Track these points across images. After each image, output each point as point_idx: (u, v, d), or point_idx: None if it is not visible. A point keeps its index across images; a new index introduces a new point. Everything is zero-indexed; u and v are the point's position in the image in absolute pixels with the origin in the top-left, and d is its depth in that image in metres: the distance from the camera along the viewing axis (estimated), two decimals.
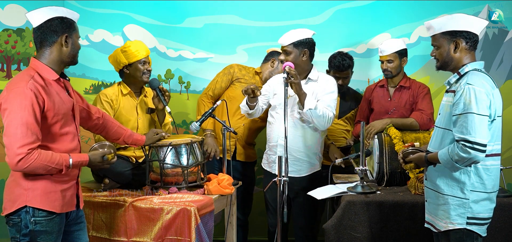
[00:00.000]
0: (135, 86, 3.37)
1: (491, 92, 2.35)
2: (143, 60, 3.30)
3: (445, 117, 2.46)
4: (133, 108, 3.34)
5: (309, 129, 3.39)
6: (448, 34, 2.43)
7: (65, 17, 2.35)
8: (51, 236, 2.31)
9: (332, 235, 2.94)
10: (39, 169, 2.22)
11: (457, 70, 2.44)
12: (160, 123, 3.39)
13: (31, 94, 2.19)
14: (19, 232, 2.28)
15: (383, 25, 4.33)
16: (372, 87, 3.88)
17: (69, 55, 2.37)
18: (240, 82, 3.82)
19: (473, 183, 2.40)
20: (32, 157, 2.18)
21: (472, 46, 2.44)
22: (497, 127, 2.41)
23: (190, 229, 2.70)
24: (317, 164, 3.49)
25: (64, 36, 2.34)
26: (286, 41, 3.32)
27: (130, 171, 3.18)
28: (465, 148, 2.29)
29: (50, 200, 2.30)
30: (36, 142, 2.20)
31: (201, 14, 4.39)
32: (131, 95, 3.35)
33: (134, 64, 3.30)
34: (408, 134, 3.37)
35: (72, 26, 2.38)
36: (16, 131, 2.16)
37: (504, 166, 2.97)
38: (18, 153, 2.16)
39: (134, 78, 3.33)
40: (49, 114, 2.27)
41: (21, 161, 2.16)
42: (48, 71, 2.32)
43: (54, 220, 2.31)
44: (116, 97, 3.30)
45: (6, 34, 4.15)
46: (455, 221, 2.42)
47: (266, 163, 3.54)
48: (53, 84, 2.33)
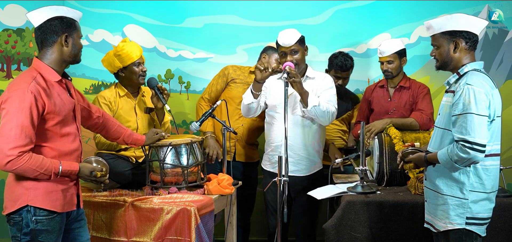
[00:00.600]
0: (131, 87, 3.36)
1: (491, 93, 2.35)
2: (137, 61, 3.29)
3: (445, 117, 2.46)
4: (132, 109, 3.34)
5: (309, 127, 3.40)
6: (448, 34, 2.43)
7: (65, 16, 2.35)
8: (51, 235, 2.31)
9: (332, 235, 2.94)
10: (27, 172, 2.21)
11: (457, 70, 2.44)
12: (159, 122, 3.39)
13: (31, 97, 2.20)
14: (20, 231, 2.28)
15: (383, 25, 4.33)
16: (372, 88, 3.88)
17: (70, 54, 2.37)
18: (236, 83, 3.82)
19: (472, 183, 2.40)
20: (22, 160, 2.18)
21: (471, 46, 2.43)
22: (497, 127, 2.41)
23: (190, 229, 2.70)
24: (319, 162, 3.51)
25: (64, 36, 2.33)
26: (292, 40, 3.31)
27: (130, 171, 3.18)
28: (464, 148, 2.29)
29: (52, 199, 2.30)
30: (28, 145, 2.20)
31: (201, 14, 4.39)
32: (129, 97, 3.34)
33: (129, 67, 3.28)
34: (408, 134, 3.37)
35: (72, 26, 2.37)
36: (10, 132, 2.17)
37: (504, 166, 2.97)
38: (8, 154, 2.16)
39: (130, 80, 3.32)
40: (49, 116, 2.27)
41: (10, 163, 2.16)
42: (50, 72, 2.32)
43: (55, 219, 2.32)
44: (114, 99, 3.29)
45: (6, 34, 4.15)
46: (454, 221, 2.42)
47: (269, 163, 3.51)
48: (55, 86, 2.33)
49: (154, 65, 4.36)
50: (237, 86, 3.79)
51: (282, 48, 3.34)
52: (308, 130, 3.40)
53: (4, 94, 2.25)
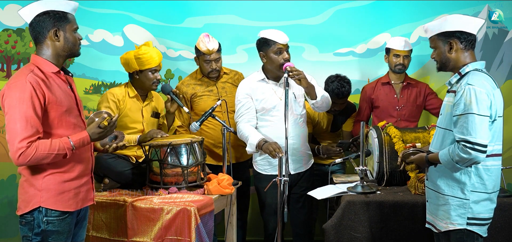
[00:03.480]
0: (142, 90, 3.38)
1: (492, 93, 2.35)
2: (154, 68, 3.31)
3: (446, 117, 2.46)
4: (139, 111, 3.35)
5: (304, 124, 3.47)
6: (443, 35, 2.46)
7: (54, 10, 2.28)
8: (62, 236, 2.31)
9: (332, 235, 2.94)
10: (42, 159, 2.19)
11: (458, 70, 2.45)
12: (168, 126, 3.42)
13: (30, 88, 2.18)
14: (32, 230, 2.28)
15: (383, 25, 4.33)
16: (373, 85, 3.88)
17: (64, 48, 2.32)
18: (198, 96, 3.76)
19: (473, 183, 2.40)
20: (32, 149, 2.16)
21: (468, 46, 2.44)
22: (498, 127, 2.41)
23: (190, 229, 2.70)
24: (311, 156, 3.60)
25: (53, 31, 2.29)
26: (287, 37, 3.33)
27: (130, 170, 3.18)
28: (465, 149, 2.29)
29: (64, 200, 2.30)
30: (36, 135, 2.18)
31: (201, 14, 4.38)
32: (138, 99, 3.36)
33: (144, 72, 3.30)
34: (407, 133, 3.37)
35: (62, 18, 2.31)
36: (16, 126, 2.16)
37: (504, 166, 2.97)
38: (18, 148, 2.15)
39: (143, 84, 3.34)
40: (52, 107, 2.25)
41: (22, 156, 2.15)
42: (47, 65, 2.30)
43: (66, 220, 2.31)
44: (123, 97, 3.31)
45: (6, 34, 4.16)
46: (456, 221, 2.42)
47: (269, 167, 3.42)
48: (54, 78, 2.30)
49: None
50: (201, 98, 3.76)
51: (280, 45, 3.28)
52: (304, 127, 3.47)
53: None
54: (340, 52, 4.36)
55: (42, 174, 2.26)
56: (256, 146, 3.18)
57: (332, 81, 3.75)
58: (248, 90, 3.38)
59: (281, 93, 3.32)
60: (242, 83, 3.45)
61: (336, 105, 3.77)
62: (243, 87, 3.41)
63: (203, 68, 3.75)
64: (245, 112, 3.35)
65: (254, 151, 3.23)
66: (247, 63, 4.27)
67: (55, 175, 2.28)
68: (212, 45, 3.67)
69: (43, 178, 2.26)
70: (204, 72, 3.77)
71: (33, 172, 2.27)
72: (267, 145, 3.11)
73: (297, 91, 3.37)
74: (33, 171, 2.27)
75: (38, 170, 2.26)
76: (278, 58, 3.29)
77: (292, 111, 3.36)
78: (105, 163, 3.12)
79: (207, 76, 3.78)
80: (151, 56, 3.28)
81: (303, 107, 3.44)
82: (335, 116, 3.95)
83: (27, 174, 2.28)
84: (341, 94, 3.71)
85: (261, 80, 3.38)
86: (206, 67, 3.72)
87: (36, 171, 2.27)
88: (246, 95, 3.37)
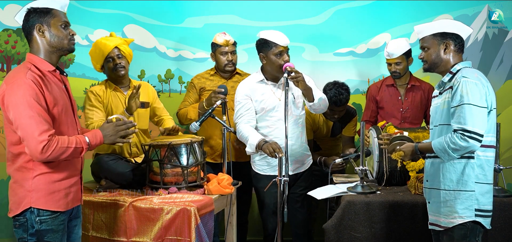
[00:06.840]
0: (116, 81, 3.39)
1: (486, 85, 2.44)
2: (110, 56, 3.31)
3: (443, 114, 2.51)
4: (121, 103, 3.35)
5: (303, 124, 3.46)
6: (439, 35, 2.52)
7: (38, 7, 2.30)
8: (57, 234, 2.31)
9: (332, 235, 2.94)
10: (63, 152, 2.21)
11: (448, 71, 2.53)
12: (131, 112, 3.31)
13: (32, 84, 2.18)
14: (26, 232, 2.28)
15: (383, 25, 4.33)
16: (378, 86, 3.88)
17: (51, 43, 2.31)
18: (206, 91, 3.78)
19: (477, 174, 2.45)
20: (53, 142, 2.17)
21: (460, 49, 2.54)
22: (493, 119, 2.48)
23: (190, 229, 2.70)
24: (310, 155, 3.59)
25: (37, 27, 2.29)
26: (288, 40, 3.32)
27: (131, 171, 3.17)
28: (464, 137, 2.35)
29: (55, 200, 2.29)
30: (51, 129, 2.20)
31: (201, 14, 4.39)
32: (117, 90, 3.38)
33: (104, 65, 3.34)
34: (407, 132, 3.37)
35: (46, 14, 2.31)
36: (30, 121, 2.15)
37: (504, 166, 2.98)
38: (40, 140, 2.14)
39: (111, 73, 3.36)
40: (50, 105, 2.25)
41: (45, 148, 2.15)
42: (42, 63, 2.30)
43: (58, 218, 2.31)
44: (103, 93, 3.33)
45: (6, 34, 4.16)
46: (464, 214, 2.44)
47: (267, 167, 3.42)
48: (50, 76, 2.31)
49: (154, 65, 4.36)
50: (209, 93, 3.76)
51: (281, 47, 3.27)
52: (302, 128, 3.47)
53: (2, 87, 2.23)
54: (340, 52, 4.37)
55: (31, 174, 2.26)
56: (256, 146, 3.18)
57: (329, 88, 3.69)
58: (248, 91, 3.37)
59: (280, 94, 3.32)
60: (241, 84, 3.44)
61: (336, 113, 3.73)
62: (242, 88, 3.40)
63: (220, 61, 3.77)
64: (244, 113, 3.35)
65: (254, 152, 3.22)
66: (247, 63, 4.27)
67: (44, 175, 2.27)
68: (229, 37, 3.76)
69: (32, 178, 2.26)
70: (221, 66, 3.78)
71: (23, 173, 2.26)
72: (267, 145, 3.11)
73: (297, 92, 3.37)
74: (23, 172, 2.26)
75: (27, 171, 2.26)
76: (279, 60, 3.26)
77: (291, 112, 3.35)
78: (105, 165, 3.12)
79: (222, 71, 3.80)
80: (100, 48, 3.30)
81: (302, 109, 3.44)
82: (335, 122, 3.95)
83: (17, 175, 2.28)
84: (339, 102, 3.65)
85: (260, 81, 3.38)
86: (222, 59, 3.76)
87: (25, 172, 2.26)
88: (245, 96, 3.37)
